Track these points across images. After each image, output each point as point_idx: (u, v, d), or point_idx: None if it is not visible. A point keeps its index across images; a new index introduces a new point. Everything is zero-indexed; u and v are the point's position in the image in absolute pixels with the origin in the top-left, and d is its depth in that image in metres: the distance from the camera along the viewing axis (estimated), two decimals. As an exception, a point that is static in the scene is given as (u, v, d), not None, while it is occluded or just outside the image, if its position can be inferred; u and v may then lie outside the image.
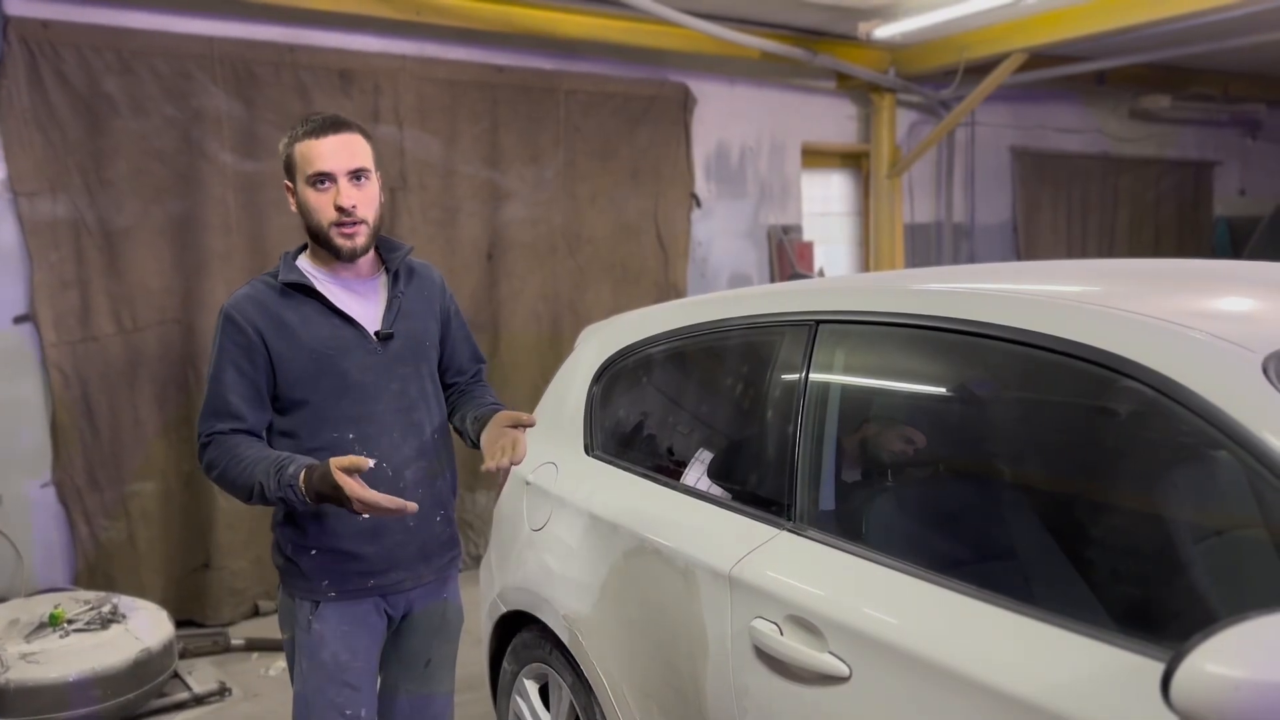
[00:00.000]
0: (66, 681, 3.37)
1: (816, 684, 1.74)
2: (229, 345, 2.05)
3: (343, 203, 2.04)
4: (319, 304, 2.09)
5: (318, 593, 2.11)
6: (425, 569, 2.21)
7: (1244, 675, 1.05)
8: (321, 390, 2.07)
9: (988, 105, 7.07)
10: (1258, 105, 8.51)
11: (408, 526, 2.14)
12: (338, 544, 2.09)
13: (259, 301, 2.07)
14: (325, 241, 2.08)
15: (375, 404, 2.11)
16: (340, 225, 2.05)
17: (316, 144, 2.05)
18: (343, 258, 2.09)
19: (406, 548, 2.16)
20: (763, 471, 2.20)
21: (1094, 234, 8.09)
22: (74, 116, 4.17)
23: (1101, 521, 1.70)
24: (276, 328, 2.05)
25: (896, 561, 1.75)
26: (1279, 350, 1.44)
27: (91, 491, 4.30)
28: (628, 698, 2.26)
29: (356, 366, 2.09)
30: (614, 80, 5.67)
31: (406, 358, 2.17)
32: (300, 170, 2.07)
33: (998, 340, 1.74)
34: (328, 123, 2.09)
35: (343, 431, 2.08)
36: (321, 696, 2.11)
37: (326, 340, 2.07)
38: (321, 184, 2.05)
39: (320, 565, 2.10)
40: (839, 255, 7.23)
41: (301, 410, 2.08)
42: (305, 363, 2.06)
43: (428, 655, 2.29)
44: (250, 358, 2.04)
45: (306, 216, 2.08)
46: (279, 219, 4.61)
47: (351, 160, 2.06)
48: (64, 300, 4.21)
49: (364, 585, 2.13)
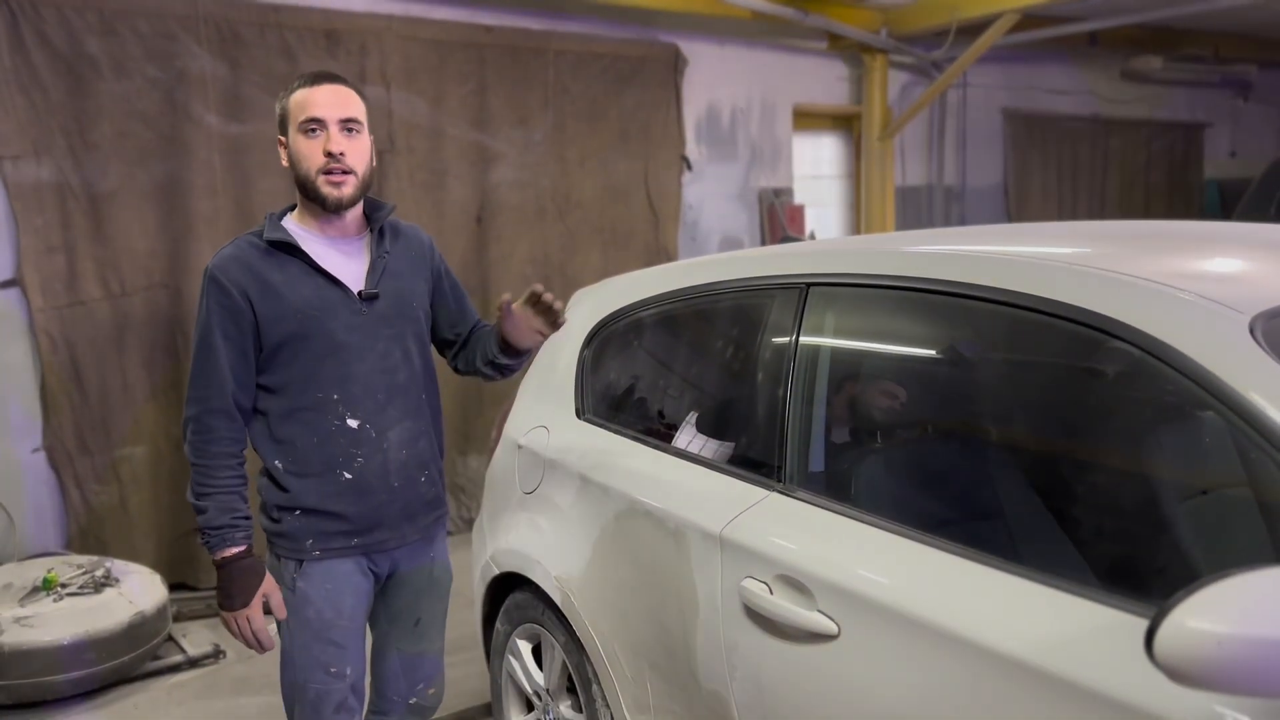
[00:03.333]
0: (61, 645, 3.39)
1: (805, 642, 1.76)
2: (215, 308, 2.04)
3: (331, 148, 2.03)
4: (303, 263, 2.08)
5: (301, 552, 2.12)
6: (409, 528, 2.22)
7: (1226, 630, 1.07)
8: (307, 351, 2.06)
9: (979, 67, 7.03)
10: (1249, 66, 8.47)
11: (391, 487, 2.15)
12: (321, 504, 2.10)
13: (243, 261, 2.06)
14: (313, 191, 2.06)
15: (360, 364, 2.10)
16: (329, 173, 2.04)
17: (310, 91, 2.05)
18: (329, 208, 2.07)
19: (390, 507, 2.16)
20: (753, 433, 2.21)
21: (1084, 196, 8.08)
22: (56, 78, 4.11)
23: (1088, 481, 1.71)
24: (262, 288, 2.04)
25: (885, 521, 1.76)
26: (1266, 311, 1.45)
27: (82, 456, 4.29)
28: (619, 657, 2.29)
29: (342, 326, 2.08)
30: (603, 41, 5.61)
31: (392, 318, 2.16)
32: (293, 119, 2.06)
33: (987, 302, 1.75)
34: (322, 74, 2.10)
35: (327, 392, 2.08)
36: (307, 654, 2.13)
37: (311, 300, 2.06)
38: (312, 130, 2.04)
39: (303, 525, 2.11)
40: (830, 218, 7.21)
41: (287, 370, 2.08)
42: (291, 323, 2.05)
43: (417, 614, 2.31)
44: (236, 321, 2.04)
45: (296, 166, 2.07)
46: (265, 181, 4.57)
47: (344, 109, 2.05)
48: (50, 265, 4.18)
49: (348, 544, 2.14)
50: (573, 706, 2.56)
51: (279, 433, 2.10)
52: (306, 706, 2.16)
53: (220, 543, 2.04)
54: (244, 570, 2.06)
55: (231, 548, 2.05)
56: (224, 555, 2.05)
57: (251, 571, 2.07)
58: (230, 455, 2.07)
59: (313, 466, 2.10)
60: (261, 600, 2.08)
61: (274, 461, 2.11)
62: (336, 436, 2.09)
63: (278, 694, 2.21)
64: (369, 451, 2.12)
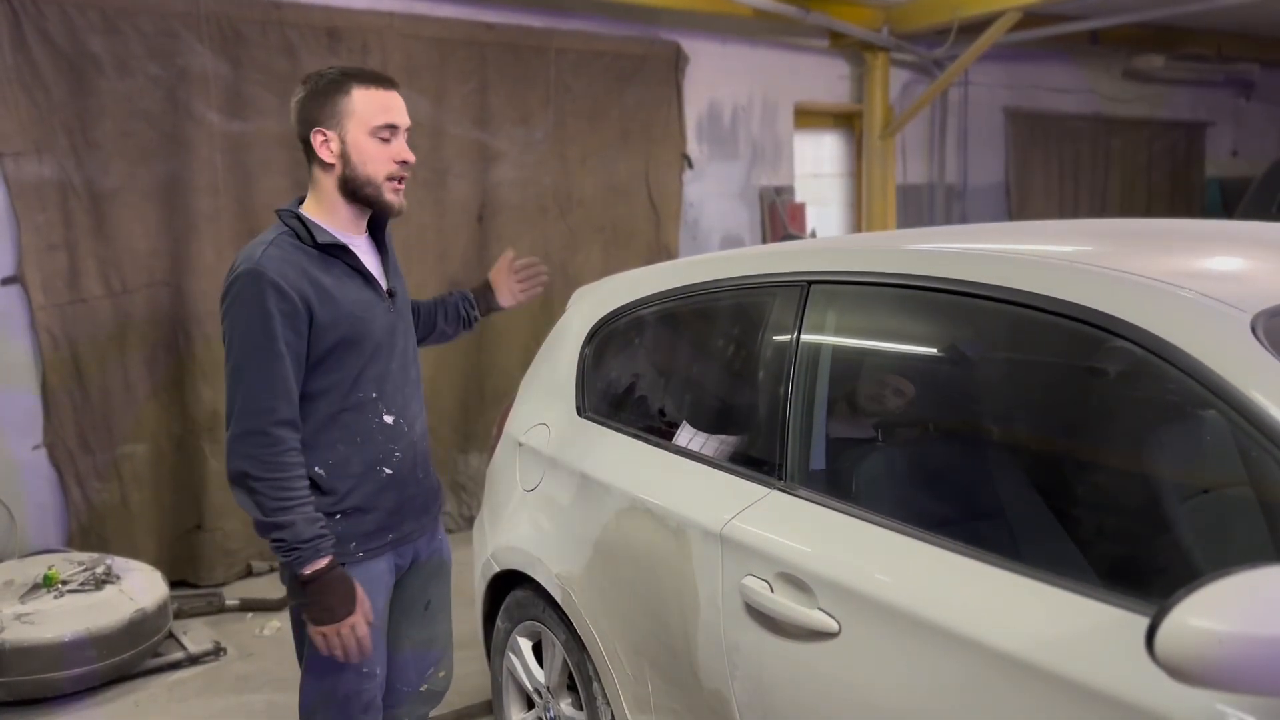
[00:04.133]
0: (62, 641, 3.39)
1: (806, 640, 1.76)
2: (276, 313, 1.94)
3: (408, 157, 2.05)
4: (345, 265, 2.07)
5: (345, 555, 2.07)
6: (426, 518, 2.27)
7: (1227, 629, 1.07)
8: (355, 353, 2.06)
9: (981, 65, 7.02)
10: (1251, 65, 8.46)
11: (418, 478, 2.21)
12: (365, 503, 2.10)
13: (296, 265, 1.99)
14: (374, 195, 2.05)
15: (391, 361, 2.14)
16: (396, 180, 2.06)
17: (384, 95, 2.03)
18: (391, 213, 2.10)
19: (415, 500, 2.21)
20: (754, 431, 2.21)
21: (1086, 195, 8.08)
22: (58, 76, 4.11)
23: (1090, 479, 1.71)
24: (319, 293, 2.00)
25: (886, 520, 1.76)
26: (1268, 309, 1.45)
27: (83, 454, 4.29)
28: (620, 655, 2.29)
29: (380, 327, 2.10)
30: (605, 39, 5.61)
31: (405, 312, 2.22)
32: (360, 118, 2.01)
33: (989, 300, 1.75)
34: (384, 76, 2.09)
35: (367, 391, 2.09)
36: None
37: (357, 302, 2.06)
38: (386, 136, 2.03)
39: (347, 527, 2.09)
40: (831, 217, 7.21)
41: (335, 373, 2.05)
42: (344, 328, 2.03)
43: (427, 597, 2.34)
44: (296, 327, 1.97)
45: (358, 166, 2.02)
46: (267, 180, 4.56)
47: (408, 118, 2.08)
48: (52, 262, 4.18)
49: (384, 541, 2.15)
50: (573, 704, 2.56)
51: (319, 438, 2.05)
52: (334, 708, 2.12)
53: (313, 555, 1.96)
54: (340, 579, 2.00)
55: (323, 559, 1.98)
56: (316, 568, 1.97)
57: (345, 580, 2.01)
58: (300, 465, 2.00)
59: (355, 466, 2.09)
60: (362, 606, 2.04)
61: (314, 467, 2.04)
62: (376, 434, 2.11)
63: (278, 691, 2.22)
64: (404, 445, 2.16)
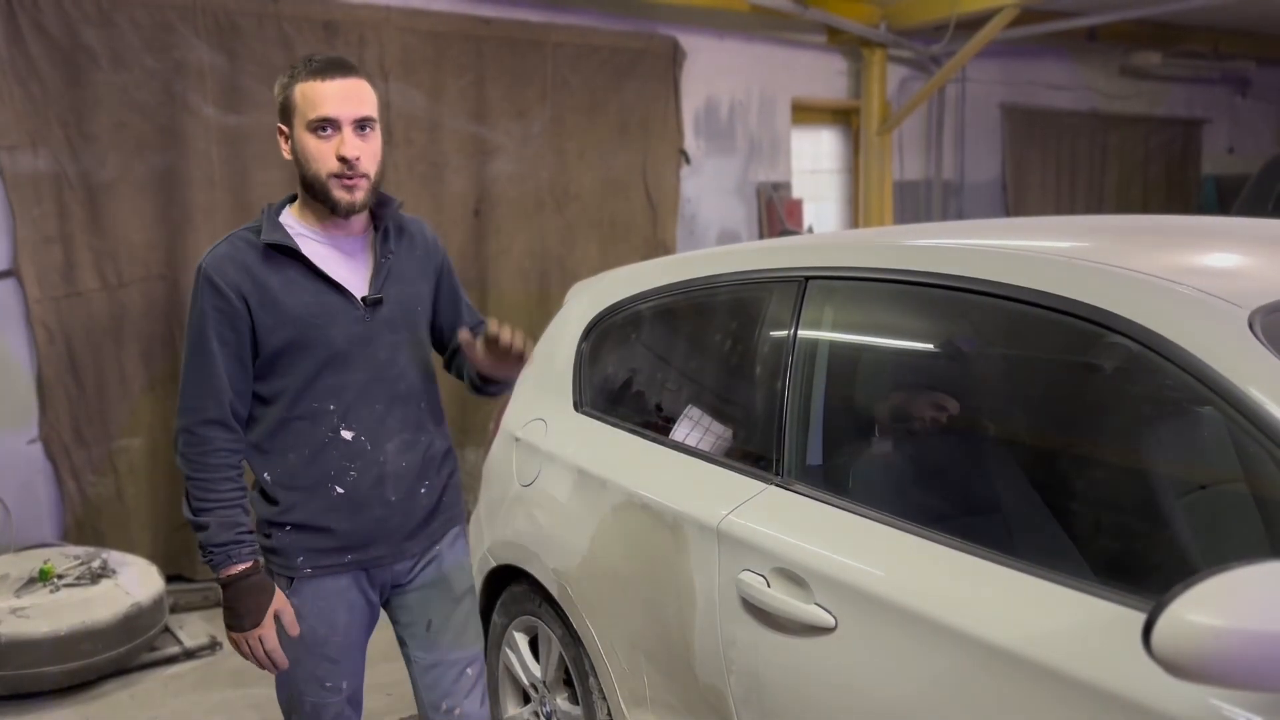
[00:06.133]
0: (57, 635, 3.39)
1: (802, 634, 1.76)
2: (210, 312, 1.91)
3: (346, 153, 1.88)
4: (303, 266, 1.95)
5: (292, 569, 2.01)
6: (410, 544, 2.10)
7: (1223, 624, 1.07)
8: (305, 360, 1.95)
9: (978, 62, 7.01)
10: (1247, 63, 8.47)
11: (388, 501, 2.04)
12: (311, 519, 1.99)
13: (239, 262, 1.92)
14: (321, 194, 1.93)
15: (359, 373, 1.99)
16: (341, 177, 1.90)
17: (321, 86, 1.89)
18: (339, 213, 1.95)
19: (387, 523, 2.05)
20: (751, 426, 2.21)
21: (1083, 191, 8.08)
22: (54, 69, 4.10)
23: (1086, 475, 1.71)
24: (260, 292, 1.92)
25: (882, 515, 1.76)
26: (1265, 305, 1.45)
27: (78, 447, 4.29)
28: (616, 649, 2.29)
29: (342, 335, 1.96)
30: (602, 33, 5.60)
31: (396, 324, 2.04)
32: (300, 114, 1.91)
33: (986, 296, 1.75)
34: (333, 64, 1.92)
35: (323, 402, 1.97)
36: (302, 668, 2.05)
37: (311, 307, 1.94)
38: (323, 131, 1.89)
39: (294, 541, 2.00)
40: (828, 213, 7.21)
41: (282, 379, 1.96)
42: (289, 331, 1.93)
43: (427, 616, 2.17)
44: (233, 325, 1.91)
45: (303, 165, 1.93)
46: (263, 173, 4.56)
47: (359, 107, 1.91)
48: (47, 255, 4.17)
49: (340, 561, 2.03)
50: (569, 699, 2.56)
51: (270, 444, 1.99)
52: (304, 718, 2.10)
53: (225, 560, 1.92)
54: (252, 588, 1.94)
55: (237, 564, 1.93)
56: (229, 573, 1.92)
57: (260, 589, 1.95)
58: (229, 467, 1.94)
59: (303, 479, 1.99)
60: (274, 618, 1.97)
61: (263, 474, 2.00)
62: (329, 449, 1.98)
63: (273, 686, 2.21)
64: (363, 465, 2.01)
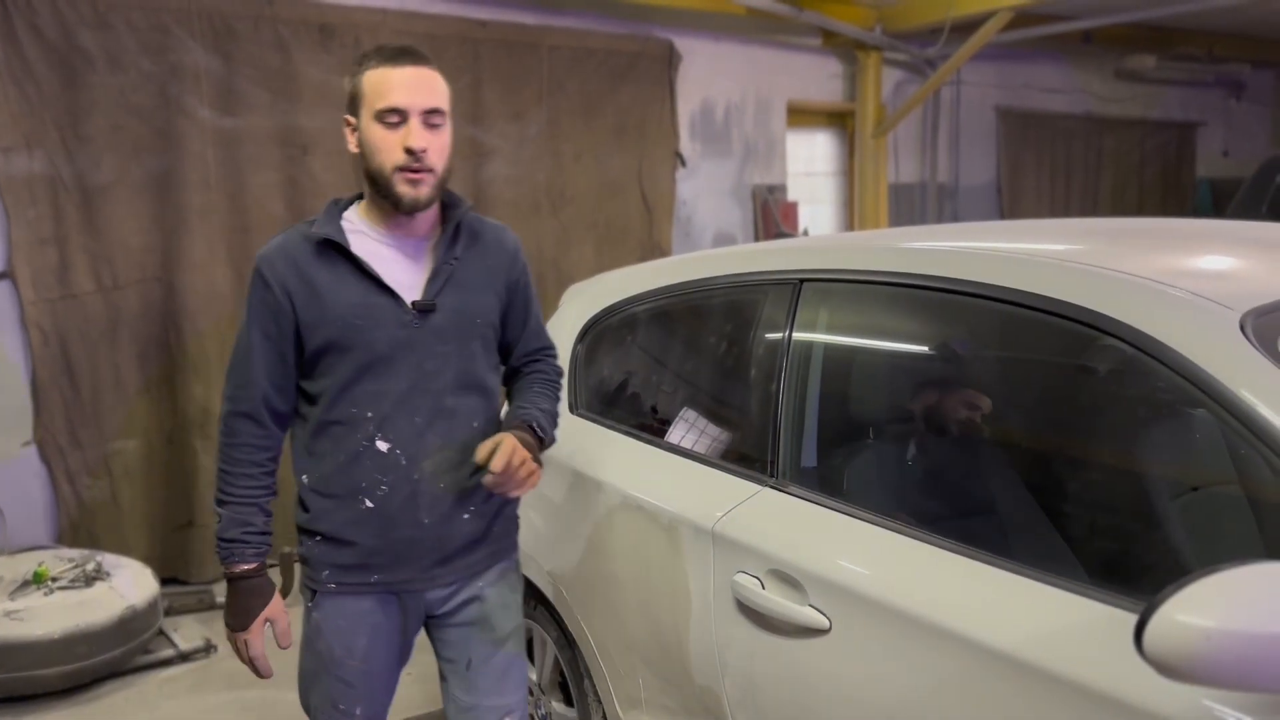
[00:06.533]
0: (51, 639, 3.38)
1: (797, 636, 1.76)
2: (256, 304, 1.88)
3: (413, 144, 1.79)
4: (355, 265, 1.86)
5: (316, 582, 1.94)
6: (443, 571, 1.95)
7: (1214, 625, 1.07)
8: (345, 362, 1.86)
9: (973, 64, 7.03)
10: (1242, 66, 8.50)
11: (420, 522, 1.90)
12: (338, 531, 1.90)
13: (290, 257, 1.86)
14: (385, 188, 1.83)
15: (400, 382, 1.87)
16: (406, 170, 1.81)
17: (391, 74, 1.81)
18: (403, 209, 1.84)
19: (418, 546, 1.91)
20: (746, 428, 2.21)
21: (1078, 194, 8.10)
22: (49, 71, 4.10)
23: (1080, 477, 1.72)
24: (305, 288, 1.84)
25: (876, 517, 1.77)
26: (1257, 308, 1.46)
27: (73, 450, 4.28)
28: (611, 652, 2.29)
29: (385, 339, 1.85)
30: (598, 36, 5.61)
31: (448, 334, 1.90)
32: (367, 103, 1.82)
33: (980, 298, 1.75)
34: (405, 52, 1.85)
35: (361, 408, 1.87)
36: (317, 683, 1.98)
37: (355, 308, 1.84)
38: (391, 121, 1.80)
39: (321, 552, 1.92)
40: (824, 215, 7.22)
41: (324, 379, 1.88)
42: (330, 330, 1.84)
43: (467, 655, 2.02)
44: (277, 320, 1.86)
45: (368, 158, 1.84)
46: (259, 176, 4.55)
47: (429, 98, 1.83)
48: (42, 257, 4.16)
49: (365, 580, 1.92)
50: (564, 702, 2.56)
51: (312, 446, 1.92)
52: None
53: (229, 557, 1.88)
54: (249, 590, 1.89)
55: (239, 564, 1.88)
56: (231, 571, 1.89)
57: (256, 592, 1.90)
58: (252, 463, 1.89)
59: (334, 487, 1.89)
60: (263, 625, 1.91)
61: (301, 476, 1.93)
62: (364, 458, 1.87)
63: (269, 689, 2.21)
64: (396, 480, 1.88)
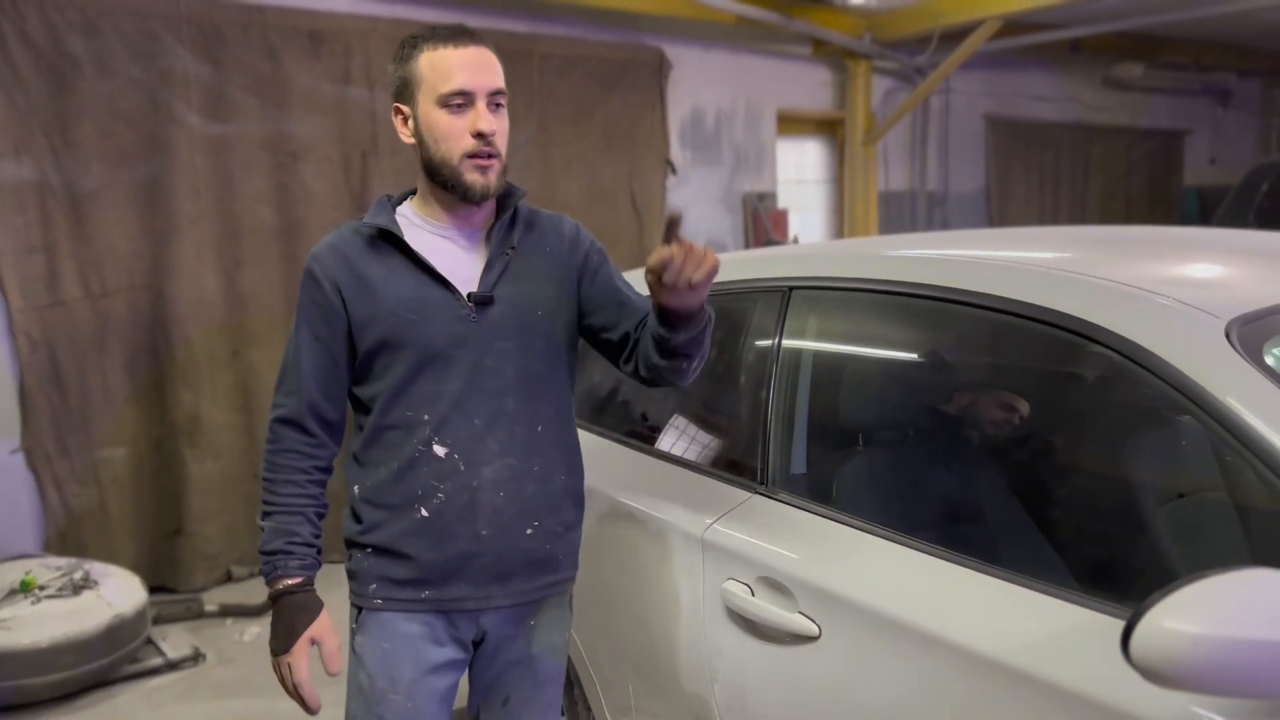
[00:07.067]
0: (39, 648, 3.36)
1: (787, 643, 1.77)
2: (307, 303, 1.78)
3: (483, 127, 1.68)
4: (407, 257, 1.76)
5: (364, 598, 1.80)
6: (500, 591, 1.80)
7: (1200, 631, 1.08)
8: (399, 361, 1.74)
9: (962, 73, 7.07)
10: (1228, 74, 8.56)
11: (478, 535, 1.76)
12: (391, 543, 1.76)
13: (341, 252, 1.77)
14: (452, 178, 1.72)
15: (456, 381, 1.75)
16: (476, 156, 1.70)
17: (454, 54, 1.70)
18: (473, 198, 1.73)
19: (474, 561, 1.76)
20: (735, 436, 2.21)
21: (1066, 202, 8.15)
22: (38, 77, 4.08)
23: (1067, 484, 1.73)
24: (357, 283, 1.75)
25: (865, 523, 1.77)
26: (1242, 315, 1.47)
27: (61, 458, 4.26)
28: (601, 659, 2.29)
29: (441, 335, 1.74)
30: (588, 44, 5.62)
31: (508, 329, 1.78)
32: (428, 86, 1.71)
33: (968, 306, 1.76)
34: (463, 31, 1.74)
35: (417, 411, 1.75)
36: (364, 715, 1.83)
37: (408, 302, 1.74)
38: (457, 104, 1.69)
39: (371, 566, 1.79)
40: (814, 223, 7.24)
41: (378, 381, 1.77)
42: (383, 327, 1.74)
43: (505, 692, 1.89)
44: (328, 319, 1.76)
45: (430, 146, 1.72)
46: (248, 183, 4.55)
47: (493, 78, 1.72)
48: (30, 265, 4.15)
49: (415, 596, 1.77)
50: (555, 709, 2.55)
51: (365, 455, 1.80)
52: None
53: (271, 571, 1.75)
54: (294, 607, 1.74)
55: (284, 578, 1.74)
56: (275, 587, 1.75)
57: (300, 609, 1.74)
58: (298, 470, 1.78)
59: (389, 497, 1.76)
60: (309, 646, 1.75)
61: (353, 486, 1.81)
62: (420, 464, 1.75)
63: (258, 698, 2.19)
64: (453, 487, 1.75)
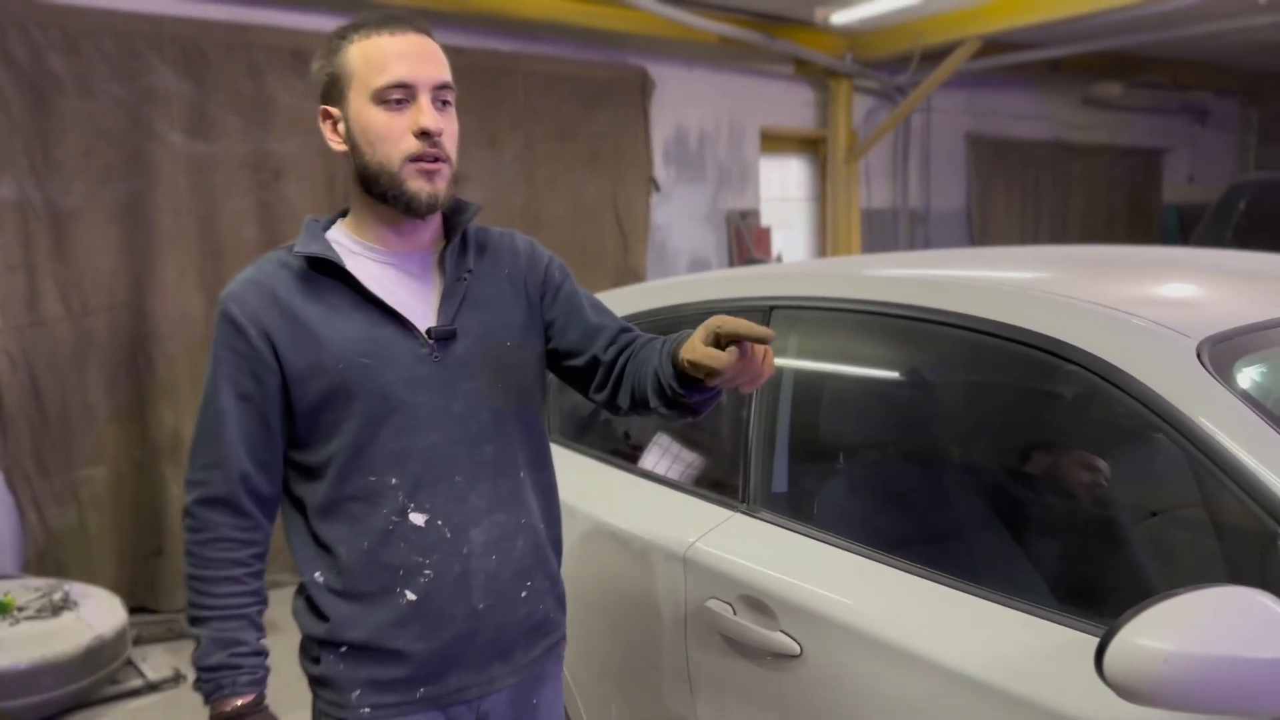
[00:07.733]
0: (17, 670, 3.33)
1: (768, 662, 1.77)
2: (226, 355, 1.45)
3: (427, 124, 1.43)
4: (351, 291, 1.47)
5: (344, 707, 1.49)
6: (503, 669, 1.56)
7: (1172, 648, 1.09)
8: (353, 415, 1.45)
9: (943, 92, 7.14)
10: (1206, 93, 8.68)
11: (475, 610, 1.51)
12: (374, 639, 1.47)
13: (266, 290, 1.45)
14: (392, 186, 1.45)
15: (429, 434, 1.48)
16: (420, 160, 1.44)
17: (390, 41, 1.44)
18: (417, 210, 1.46)
19: (473, 642, 1.52)
20: (717, 454, 2.22)
21: (1047, 220, 8.22)
22: (19, 95, 4.07)
23: (1044, 502, 1.74)
24: (290, 326, 1.44)
25: (846, 542, 1.78)
26: (1212, 335, 1.49)
27: (41, 478, 4.23)
28: (584, 678, 2.28)
29: (402, 380, 1.46)
30: (572, 63, 5.65)
31: (476, 366, 1.52)
32: (359, 81, 1.44)
33: (946, 326, 1.78)
34: (399, 17, 1.48)
35: (382, 475, 1.46)
36: None
37: (358, 343, 1.45)
38: (396, 99, 1.43)
39: (349, 670, 1.49)
40: (797, 240, 7.28)
41: (329, 443, 1.46)
42: (330, 377, 1.44)
43: None
44: (256, 374, 1.44)
45: (366, 150, 1.45)
46: (231, 201, 4.54)
47: (438, 70, 1.47)
48: (10, 284, 4.13)
49: (410, 697, 1.50)
50: (537, 729, 2.55)
51: (320, 533, 1.49)
52: None
53: (215, 690, 1.43)
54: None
55: (233, 698, 1.43)
56: (222, 709, 1.42)
57: None
58: (234, 564, 1.45)
59: (362, 583, 1.47)
60: None
61: (313, 574, 1.50)
62: (396, 539, 1.46)
63: None
64: (442, 560, 1.48)
